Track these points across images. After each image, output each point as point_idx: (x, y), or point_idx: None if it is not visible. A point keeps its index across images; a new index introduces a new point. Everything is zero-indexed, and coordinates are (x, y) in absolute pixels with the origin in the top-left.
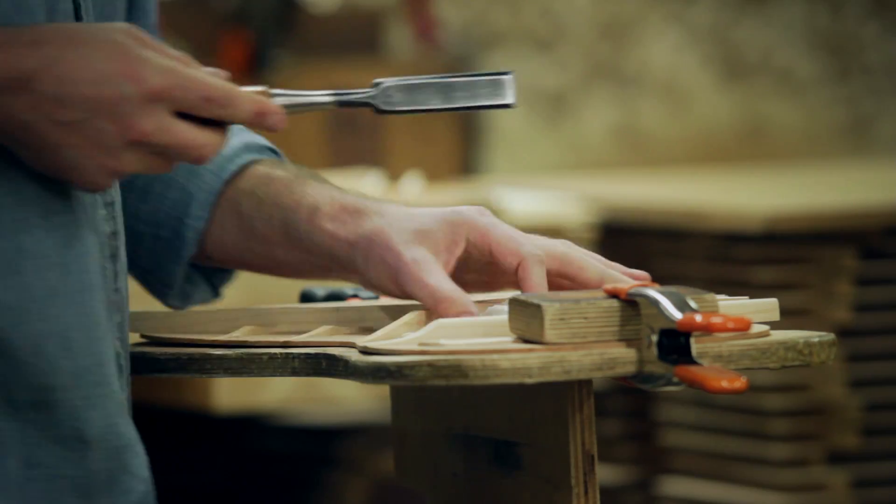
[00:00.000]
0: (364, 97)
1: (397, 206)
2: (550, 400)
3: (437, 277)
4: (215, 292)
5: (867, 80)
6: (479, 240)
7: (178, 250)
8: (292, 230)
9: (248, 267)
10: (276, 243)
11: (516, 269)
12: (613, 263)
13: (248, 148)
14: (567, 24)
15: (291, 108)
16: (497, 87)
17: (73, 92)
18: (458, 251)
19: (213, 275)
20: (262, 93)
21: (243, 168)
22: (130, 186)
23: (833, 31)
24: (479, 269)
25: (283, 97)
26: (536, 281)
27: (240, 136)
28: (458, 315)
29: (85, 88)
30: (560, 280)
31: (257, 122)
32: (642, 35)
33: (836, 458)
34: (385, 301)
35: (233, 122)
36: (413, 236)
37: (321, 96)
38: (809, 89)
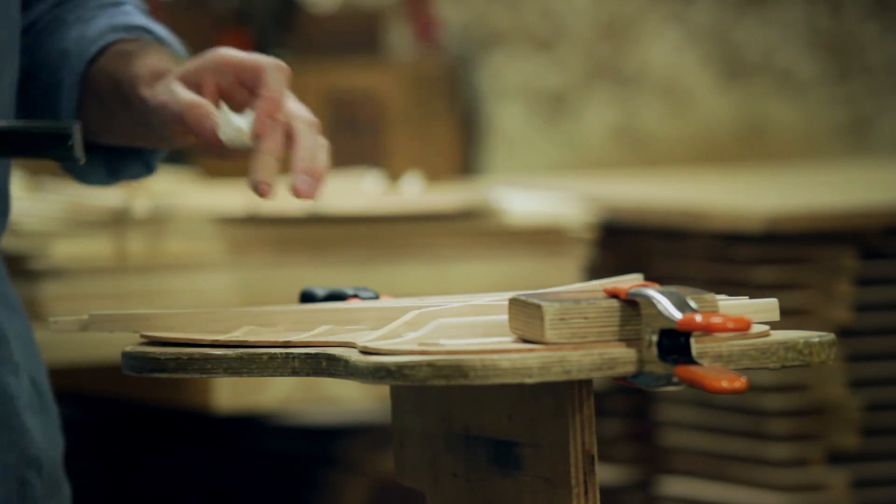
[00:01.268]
0: None
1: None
2: (550, 400)
3: (182, 94)
4: (149, 168)
5: (867, 80)
6: (226, 67)
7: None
8: (124, 99)
9: (107, 141)
10: (115, 114)
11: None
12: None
13: (114, 28)
14: (567, 24)
15: None
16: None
17: None
18: (210, 86)
19: (144, 153)
20: None
21: (104, 49)
22: (26, 77)
23: (833, 31)
24: (246, 94)
25: None
26: (272, 92)
27: (108, 17)
28: (200, 118)
29: None
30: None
31: None
32: (642, 35)
33: (836, 458)
34: (385, 301)
35: None
36: (176, 77)
37: None
38: (809, 89)
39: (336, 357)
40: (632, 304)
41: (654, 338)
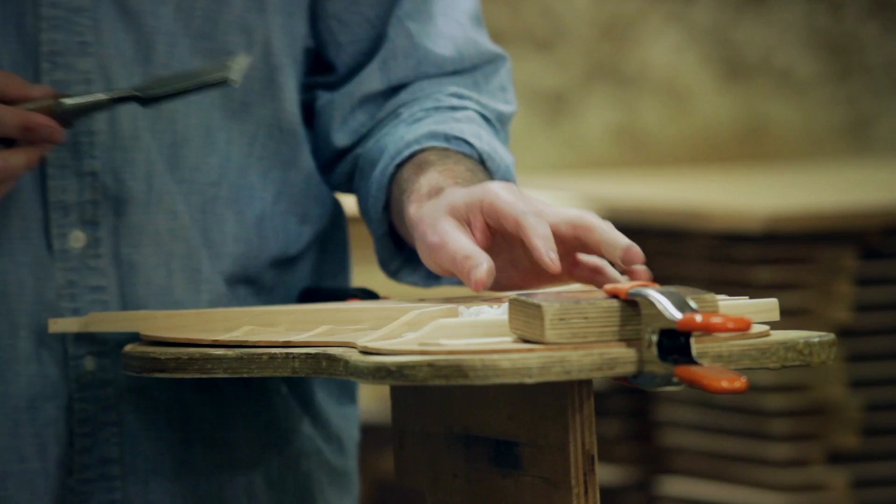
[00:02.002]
0: (131, 91)
1: (463, 186)
2: (550, 400)
3: (456, 241)
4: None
5: (867, 80)
6: (490, 211)
7: (369, 224)
8: (403, 210)
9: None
10: (401, 221)
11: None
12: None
13: (432, 135)
14: (567, 24)
15: (80, 109)
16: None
17: None
18: (479, 224)
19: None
20: (49, 96)
21: (414, 153)
22: (352, 160)
23: (833, 31)
24: (512, 243)
25: (72, 100)
26: (539, 231)
27: (435, 121)
28: (478, 272)
29: None
30: (574, 243)
31: (27, 137)
32: (642, 35)
33: (836, 458)
34: (385, 301)
35: (6, 138)
36: (445, 210)
37: (99, 95)
38: (809, 89)
39: (336, 357)
40: (632, 304)
41: (654, 338)
